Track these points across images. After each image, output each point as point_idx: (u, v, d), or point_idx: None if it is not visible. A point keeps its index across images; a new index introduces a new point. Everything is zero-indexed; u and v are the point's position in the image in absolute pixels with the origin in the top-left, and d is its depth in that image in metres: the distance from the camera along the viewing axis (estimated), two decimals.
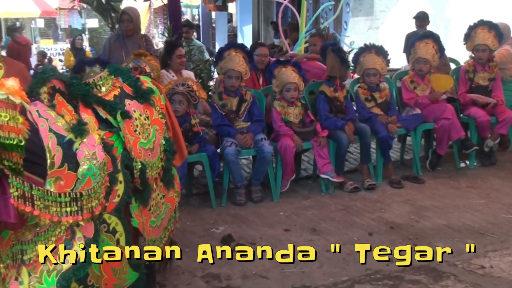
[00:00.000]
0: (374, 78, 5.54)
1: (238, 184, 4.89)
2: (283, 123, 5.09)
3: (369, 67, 5.51)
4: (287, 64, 5.20)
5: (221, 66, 5.06)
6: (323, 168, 5.07)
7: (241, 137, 4.91)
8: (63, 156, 2.27)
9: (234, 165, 4.81)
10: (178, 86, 4.69)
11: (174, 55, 5.38)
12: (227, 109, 5.04)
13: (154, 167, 2.86)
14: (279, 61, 5.26)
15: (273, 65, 5.22)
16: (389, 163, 5.45)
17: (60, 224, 2.28)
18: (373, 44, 5.68)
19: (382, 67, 5.54)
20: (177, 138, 3.26)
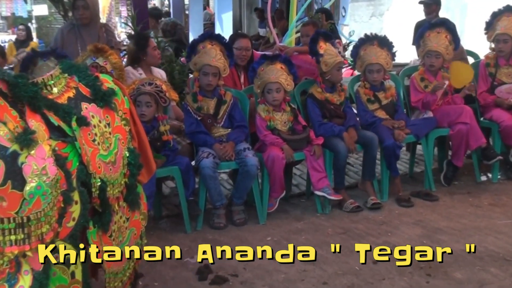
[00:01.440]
0: (377, 75, 5.58)
1: (217, 204, 4.89)
2: (268, 131, 5.11)
3: (372, 62, 5.56)
4: (275, 60, 5.21)
5: (195, 61, 5.07)
6: (319, 183, 5.09)
7: (220, 146, 4.92)
8: (5, 171, 2.25)
9: (212, 181, 4.80)
10: (144, 85, 4.70)
11: (149, 48, 5.40)
12: (203, 113, 5.05)
13: (116, 184, 2.85)
14: (265, 57, 5.29)
15: (258, 62, 5.24)
16: (396, 177, 5.49)
17: (2, 255, 2.26)
18: (376, 35, 5.72)
19: (386, 61, 5.58)
20: (144, 149, 3.25)
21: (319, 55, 5.38)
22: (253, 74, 5.21)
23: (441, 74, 5.84)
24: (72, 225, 2.53)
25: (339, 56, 5.40)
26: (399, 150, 5.46)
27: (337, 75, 5.39)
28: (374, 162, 5.41)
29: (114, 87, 3.02)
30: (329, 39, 5.51)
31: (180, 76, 6.66)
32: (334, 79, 5.40)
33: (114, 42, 5.51)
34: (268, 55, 5.46)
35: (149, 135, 4.62)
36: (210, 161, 4.77)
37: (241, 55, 5.62)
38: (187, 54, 5.24)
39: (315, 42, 5.43)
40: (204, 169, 4.75)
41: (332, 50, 5.38)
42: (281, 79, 5.08)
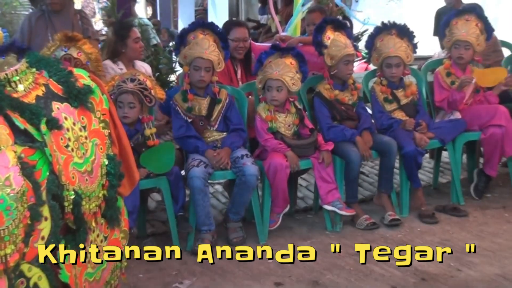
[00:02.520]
0: (396, 70, 5.59)
1: (202, 228, 4.82)
2: (270, 134, 5.10)
3: (390, 54, 5.57)
4: (287, 54, 5.21)
5: (185, 53, 5.08)
6: (328, 196, 5.09)
7: (214, 153, 4.92)
8: None
9: (200, 196, 4.74)
10: (126, 82, 4.70)
11: (129, 40, 5.39)
12: (194, 114, 5.05)
13: (93, 197, 2.84)
14: (276, 48, 5.28)
15: (267, 52, 5.23)
16: (418, 189, 5.49)
17: None
18: (394, 23, 5.73)
19: (407, 54, 5.60)
20: (126, 156, 3.24)
21: (323, 46, 5.40)
22: (259, 65, 5.22)
23: (471, 68, 5.85)
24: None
25: (348, 48, 5.38)
26: (421, 158, 5.46)
27: (345, 70, 5.40)
28: (392, 171, 5.41)
29: (90, 83, 3.00)
30: (340, 28, 5.53)
31: (168, 71, 6.67)
32: (342, 74, 5.41)
33: (91, 32, 5.50)
34: (277, 45, 5.46)
35: (132, 140, 4.64)
36: (200, 171, 4.75)
37: (237, 47, 5.63)
38: (175, 46, 5.26)
39: (321, 31, 5.44)
40: (193, 179, 4.72)
41: (339, 41, 5.38)
42: (286, 77, 5.07)
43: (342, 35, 5.46)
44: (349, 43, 5.43)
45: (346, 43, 5.38)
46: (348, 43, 5.40)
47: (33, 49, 3.02)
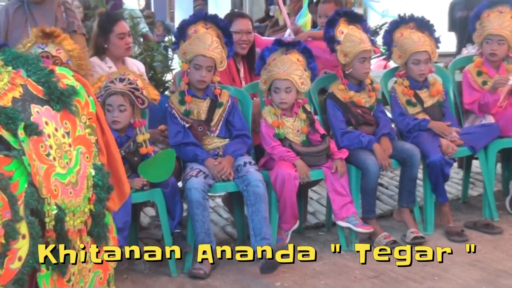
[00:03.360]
0: (425, 67, 5.58)
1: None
2: (277, 141, 5.10)
3: (419, 49, 5.54)
4: (292, 49, 5.21)
5: (185, 49, 5.08)
6: (342, 211, 5.08)
7: (215, 162, 4.91)
8: None
9: (199, 210, 4.72)
10: (114, 82, 4.70)
11: (112, 35, 5.37)
12: (193, 118, 5.06)
13: (78, 212, 2.84)
14: (280, 43, 5.28)
15: (269, 49, 5.23)
16: (444, 204, 5.48)
17: None
18: (412, 15, 5.74)
19: (432, 49, 5.60)
20: (115, 165, 3.24)
21: (335, 41, 5.40)
22: (262, 64, 5.21)
23: (505, 66, 5.84)
24: (18, 267, 2.50)
25: (364, 43, 5.37)
26: (448, 168, 5.44)
27: (361, 68, 5.39)
28: (414, 183, 5.39)
29: (75, 84, 3.00)
30: (355, 21, 5.53)
31: (163, 70, 6.66)
32: (357, 73, 5.41)
33: (77, 25, 5.47)
34: (285, 40, 5.45)
35: (123, 147, 4.65)
36: (200, 182, 4.74)
37: (240, 40, 5.61)
38: (174, 39, 5.26)
39: (333, 24, 5.44)
40: (191, 191, 4.70)
41: (354, 35, 5.38)
42: (294, 76, 5.07)
43: (358, 28, 5.47)
44: (366, 37, 5.43)
45: (361, 38, 5.38)
46: (364, 38, 5.39)
47: (10, 45, 3.02)
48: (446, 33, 7.19)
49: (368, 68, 5.47)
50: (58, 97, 2.86)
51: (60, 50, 4.72)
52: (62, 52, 4.72)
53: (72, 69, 4.25)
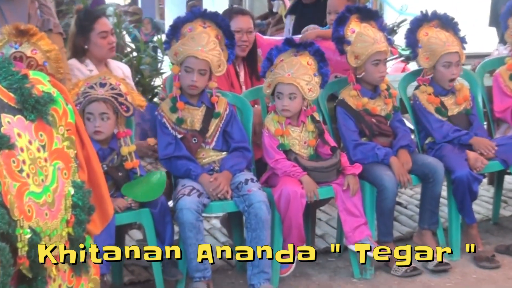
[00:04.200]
0: (457, 69, 5.57)
1: (195, 275, 4.76)
2: (281, 153, 5.09)
3: (450, 50, 5.53)
4: (304, 50, 5.23)
5: (176, 50, 5.07)
6: (355, 233, 5.05)
7: (210, 179, 4.91)
8: None
9: (192, 233, 4.70)
10: (94, 88, 4.69)
11: (93, 34, 5.36)
12: (186, 128, 5.06)
13: (55, 236, 2.83)
14: (291, 43, 5.28)
15: (278, 49, 5.24)
16: (472, 225, 5.47)
17: None
18: (435, 12, 5.74)
19: (460, 51, 5.60)
20: (97, 183, 3.23)
21: (345, 41, 5.42)
22: (268, 65, 5.22)
23: None
24: None
25: (378, 43, 5.36)
26: (477, 185, 5.44)
27: (375, 72, 5.39)
28: (437, 202, 5.37)
29: (51, 90, 3.00)
30: (368, 18, 5.55)
31: (152, 73, 6.65)
32: (371, 78, 5.41)
33: (54, 24, 5.47)
34: (296, 40, 5.44)
35: (106, 161, 4.66)
36: (193, 201, 4.72)
37: (240, 40, 5.59)
38: (166, 39, 5.25)
39: (342, 22, 5.46)
40: (183, 212, 4.68)
41: (367, 34, 5.38)
42: (301, 81, 5.06)
43: (371, 27, 5.48)
44: (380, 37, 5.42)
45: (375, 37, 5.38)
46: (378, 38, 5.39)
47: None
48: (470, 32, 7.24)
49: (383, 72, 5.46)
50: (33, 106, 2.85)
51: (36, 51, 4.71)
52: (38, 52, 4.70)
53: (48, 72, 4.25)
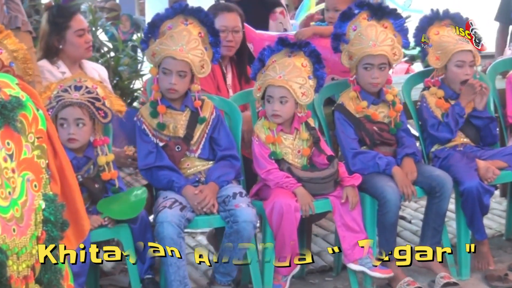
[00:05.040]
0: (471, 70, 5.59)
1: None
2: (273, 163, 5.09)
3: (464, 48, 5.54)
4: (298, 51, 5.23)
5: (153, 50, 5.07)
6: (355, 251, 5.06)
7: (195, 191, 4.90)
8: None
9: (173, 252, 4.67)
10: (68, 91, 4.69)
11: (69, 32, 5.35)
12: (168, 135, 5.06)
13: (23, 254, 2.84)
14: (285, 42, 5.27)
15: (270, 49, 5.24)
16: (483, 242, 5.48)
17: None
18: (447, 11, 5.77)
19: (475, 51, 5.62)
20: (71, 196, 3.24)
21: (342, 40, 5.43)
22: (260, 66, 5.23)
23: None
24: None
25: (376, 46, 5.33)
26: (488, 197, 5.42)
27: (365, 77, 5.38)
28: (442, 219, 5.36)
29: (20, 94, 3.00)
30: (380, 17, 5.54)
31: (131, 75, 6.64)
32: (361, 82, 5.41)
33: (22, 21, 5.47)
34: (290, 40, 5.43)
35: (81, 171, 4.65)
36: (174, 214, 4.69)
37: (224, 40, 5.59)
38: (143, 38, 5.23)
39: (347, 18, 5.48)
40: (163, 226, 4.65)
41: (367, 34, 5.37)
42: (293, 84, 5.07)
43: (382, 26, 5.48)
44: (386, 39, 5.39)
45: (375, 38, 5.36)
46: (380, 39, 5.37)
47: None
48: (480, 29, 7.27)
49: (376, 78, 5.37)
50: None
51: (2, 50, 4.68)
52: (4, 52, 4.68)
53: (15, 74, 4.24)
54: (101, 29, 6.95)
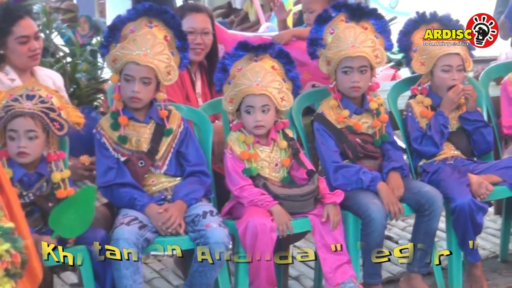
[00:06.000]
0: (459, 75, 5.62)
1: None
2: (248, 179, 5.09)
3: (450, 51, 5.59)
4: (264, 53, 5.25)
5: (114, 55, 5.06)
6: (337, 274, 5.06)
7: (159, 210, 4.88)
8: None
9: (129, 272, 4.61)
10: (19, 100, 4.66)
11: (10, 38, 5.26)
12: (131, 148, 5.05)
13: None
14: (246, 46, 5.27)
15: (230, 56, 5.24)
16: (476, 264, 5.51)
17: None
18: (434, 13, 5.81)
19: (465, 55, 5.67)
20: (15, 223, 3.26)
21: (319, 45, 5.47)
22: (222, 76, 5.22)
23: None
24: None
25: (355, 48, 5.35)
26: (482, 215, 5.43)
27: (344, 81, 5.40)
28: (432, 239, 5.38)
29: None
30: (360, 17, 5.56)
31: (90, 83, 6.63)
32: (341, 87, 5.43)
33: None
34: (252, 42, 5.41)
35: (32, 189, 4.65)
36: (131, 232, 4.65)
37: (193, 43, 5.61)
38: (103, 42, 5.21)
39: (324, 21, 5.51)
40: (118, 243, 4.56)
41: (345, 37, 5.39)
42: (272, 90, 5.08)
43: (361, 28, 5.50)
44: (365, 40, 5.42)
45: (353, 40, 5.38)
46: (359, 41, 5.39)
47: None
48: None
49: (357, 82, 5.39)
50: None
51: None
52: None
53: None
54: (56, 32, 6.89)
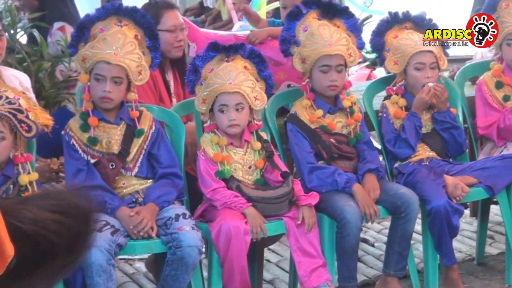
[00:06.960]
0: (433, 73, 5.65)
1: None
2: (220, 182, 5.10)
3: (422, 49, 5.64)
4: (235, 53, 5.27)
5: (84, 55, 5.05)
6: (312, 278, 5.07)
7: (131, 212, 4.89)
8: None
9: (102, 280, 4.63)
10: None
11: None
12: (101, 150, 5.05)
13: None
14: (216, 47, 5.28)
15: (201, 58, 5.24)
16: (452, 267, 5.53)
17: None
18: (407, 13, 5.86)
19: (439, 53, 5.71)
20: None
21: (293, 41, 5.48)
22: (194, 77, 5.23)
23: None
24: None
25: (332, 45, 5.38)
26: (457, 217, 5.47)
27: (322, 80, 5.42)
28: (408, 242, 5.41)
29: None
30: (333, 15, 5.59)
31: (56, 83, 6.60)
32: (318, 87, 5.46)
33: None
34: (225, 41, 5.46)
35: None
36: (104, 238, 4.66)
37: (176, 40, 5.64)
38: (71, 42, 5.23)
39: (295, 18, 5.53)
40: (90, 251, 4.37)
41: (320, 34, 5.42)
42: (246, 89, 5.10)
43: (334, 26, 5.53)
44: (340, 38, 5.45)
45: (329, 38, 5.41)
46: (334, 39, 5.42)
47: None
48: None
49: (334, 81, 5.42)
50: None
51: None
52: None
53: None
54: (22, 32, 6.86)
